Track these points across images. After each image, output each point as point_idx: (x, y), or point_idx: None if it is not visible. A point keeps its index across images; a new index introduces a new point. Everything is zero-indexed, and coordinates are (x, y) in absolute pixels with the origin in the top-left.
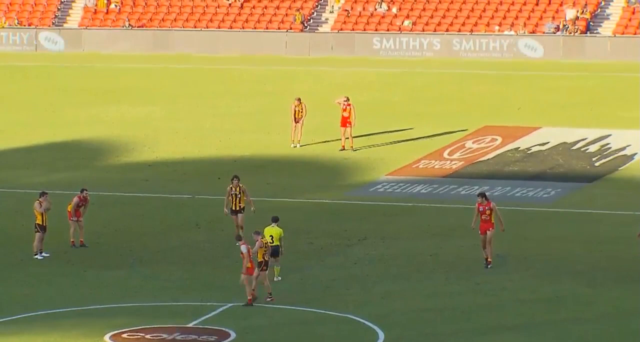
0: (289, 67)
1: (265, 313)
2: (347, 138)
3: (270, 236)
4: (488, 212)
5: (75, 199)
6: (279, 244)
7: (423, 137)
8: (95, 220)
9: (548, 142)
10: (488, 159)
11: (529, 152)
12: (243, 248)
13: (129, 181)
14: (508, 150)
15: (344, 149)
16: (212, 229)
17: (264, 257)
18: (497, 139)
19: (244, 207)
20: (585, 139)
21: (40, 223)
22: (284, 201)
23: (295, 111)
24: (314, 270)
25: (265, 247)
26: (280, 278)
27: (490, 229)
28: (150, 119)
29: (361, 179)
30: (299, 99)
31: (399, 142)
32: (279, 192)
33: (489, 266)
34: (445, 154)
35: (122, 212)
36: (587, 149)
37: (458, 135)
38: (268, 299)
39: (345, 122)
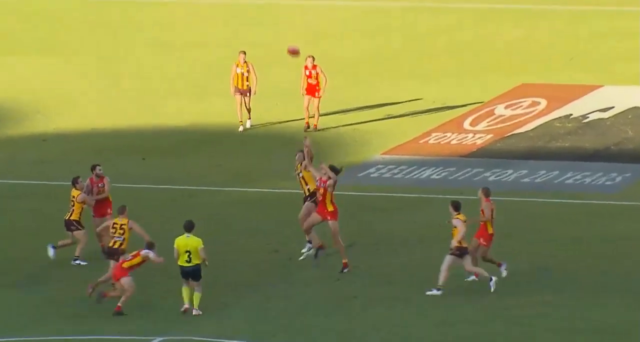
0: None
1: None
2: (312, 117)
3: None
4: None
5: (87, 182)
6: None
7: (435, 104)
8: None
9: (612, 107)
10: (527, 131)
11: (585, 121)
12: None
13: (16, 163)
14: (555, 119)
15: (308, 128)
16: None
17: None
18: (539, 103)
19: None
20: None
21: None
22: (236, 190)
23: (237, 75)
24: (277, 292)
25: None
26: None
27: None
28: (47, 76)
29: (345, 161)
30: (244, 53)
31: (398, 105)
32: (230, 179)
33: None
34: (467, 125)
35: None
36: None
37: (484, 96)
38: None
39: (313, 90)
